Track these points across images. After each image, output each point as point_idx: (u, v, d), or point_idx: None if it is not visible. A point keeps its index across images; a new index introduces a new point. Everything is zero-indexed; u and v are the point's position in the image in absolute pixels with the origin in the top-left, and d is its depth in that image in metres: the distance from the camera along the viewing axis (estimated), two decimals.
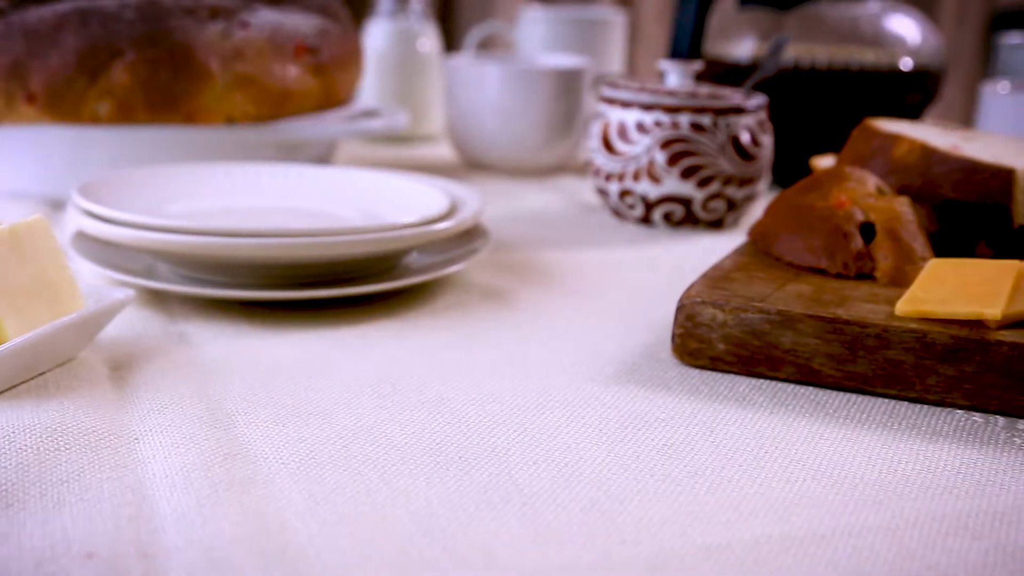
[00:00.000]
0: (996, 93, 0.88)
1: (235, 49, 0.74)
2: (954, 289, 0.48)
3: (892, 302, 0.49)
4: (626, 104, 0.75)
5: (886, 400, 0.47)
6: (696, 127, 0.73)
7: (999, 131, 0.86)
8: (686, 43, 0.85)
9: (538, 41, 1.18)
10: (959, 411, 0.46)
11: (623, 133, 0.75)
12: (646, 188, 0.74)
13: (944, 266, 0.51)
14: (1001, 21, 1.85)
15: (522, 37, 1.20)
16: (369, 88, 1.06)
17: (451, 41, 1.75)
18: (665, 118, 0.73)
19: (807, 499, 0.38)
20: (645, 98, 0.74)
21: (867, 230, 0.55)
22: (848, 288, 0.52)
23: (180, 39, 0.73)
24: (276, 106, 0.77)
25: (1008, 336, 0.45)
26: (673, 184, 0.74)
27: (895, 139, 0.60)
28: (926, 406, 0.47)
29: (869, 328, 0.47)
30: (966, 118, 2.04)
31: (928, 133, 0.62)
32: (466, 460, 0.40)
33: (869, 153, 0.61)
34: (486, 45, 1.57)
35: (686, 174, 0.73)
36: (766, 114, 0.77)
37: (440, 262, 0.61)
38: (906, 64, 0.90)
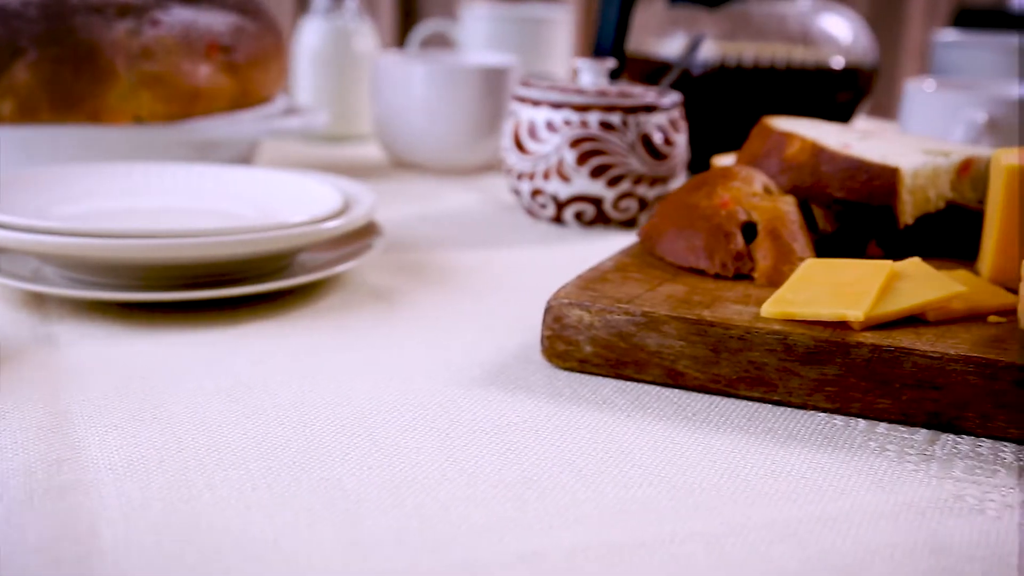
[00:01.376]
0: (921, 91, 0.87)
1: (143, 47, 0.74)
2: (823, 290, 0.48)
3: (763, 303, 0.49)
4: (536, 103, 0.74)
5: (750, 403, 0.46)
6: (605, 126, 0.72)
7: (922, 129, 0.86)
8: (609, 41, 0.85)
9: (481, 39, 1.17)
10: (821, 414, 0.45)
11: (533, 132, 0.74)
12: (556, 187, 0.74)
13: (817, 267, 0.50)
14: (964, 18, 1.84)
15: (466, 35, 1.19)
16: (303, 87, 1.06)
17: None
18: (574, 117, 0.72)
19: (637, 505, 0.37)
20: (554, 96, 0.73)
21: (750, 230, 0.54)
22: (723, 289, 0.51)
23: (84, 37, 0.72)
24: (186, 105, 0.76)
25: (870, 338, 0.45)
26: (583, 183, 0.73)
27: (788, 137, 0.59)
28: (789, 409, 0.46)
29: (732, 330, 0.46)
30: None
31: (823, 131, 0.62)
32: (299, 465, 0.40)
33: (764, 152, 0.60)
34: (440, 43, 1.56)
35: (595, 173, 0.73)
36: (680, 112, 0.77)
37: (329, 261, 0.60)
38: (837, 62, 0.90)
